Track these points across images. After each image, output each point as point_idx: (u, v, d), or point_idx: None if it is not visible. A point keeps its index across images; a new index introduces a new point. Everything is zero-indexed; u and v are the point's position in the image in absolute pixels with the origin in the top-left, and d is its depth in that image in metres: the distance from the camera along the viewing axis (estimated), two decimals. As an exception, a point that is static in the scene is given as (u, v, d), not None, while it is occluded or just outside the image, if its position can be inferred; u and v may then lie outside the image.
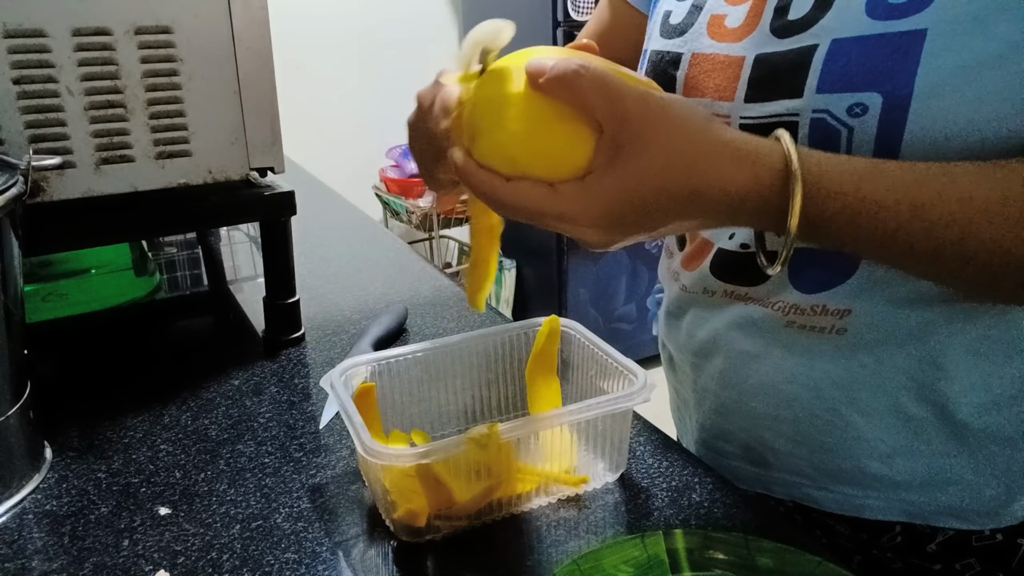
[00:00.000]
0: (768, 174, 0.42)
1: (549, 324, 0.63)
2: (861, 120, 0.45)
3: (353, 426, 0.52)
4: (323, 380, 0.58)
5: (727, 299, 0.59)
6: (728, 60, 0.53)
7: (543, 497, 0.57)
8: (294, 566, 0.51)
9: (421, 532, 0.53)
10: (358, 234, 1.23)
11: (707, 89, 0.54)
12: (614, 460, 0.59)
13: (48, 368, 0.78)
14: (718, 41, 0.54)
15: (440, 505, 0.53)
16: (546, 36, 2.28)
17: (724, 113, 0.53)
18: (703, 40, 0.55)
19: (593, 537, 0.54)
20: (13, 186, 0.56)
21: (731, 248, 0.57)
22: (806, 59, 0.48)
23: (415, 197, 2.51)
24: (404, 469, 0.51)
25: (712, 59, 0.54)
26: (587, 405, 0.54)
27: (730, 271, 0.58)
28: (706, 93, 0.54)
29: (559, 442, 0.56)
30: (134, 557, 0.52)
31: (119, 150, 0.70)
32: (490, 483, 0.53)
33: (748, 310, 0.57)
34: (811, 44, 0.48)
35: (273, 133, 0.75)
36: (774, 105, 0.50)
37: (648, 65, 0.61)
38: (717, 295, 0.59)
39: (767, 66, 0.50)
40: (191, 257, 1.04)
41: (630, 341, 2.64)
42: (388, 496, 0.53)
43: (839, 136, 0.46)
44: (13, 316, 0.58)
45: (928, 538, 0.56)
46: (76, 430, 0.67)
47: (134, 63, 0.68)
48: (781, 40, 0.50)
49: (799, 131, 0.48)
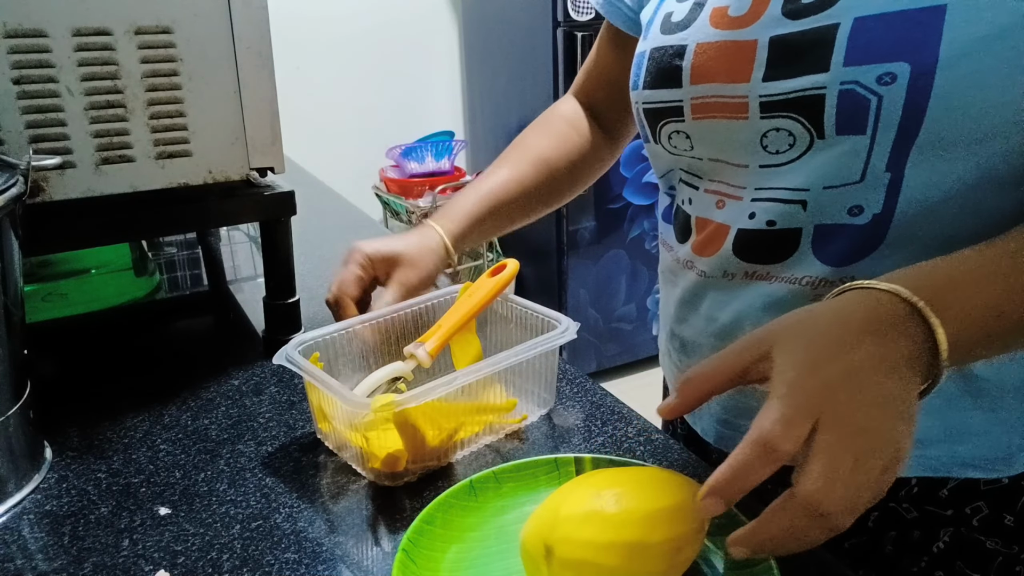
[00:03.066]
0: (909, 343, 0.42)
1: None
2: (890, 88, 0.48)
3: (328, 386, 0.58)
4: (276, 357, 0.62)
5: (747, 279, 0.59)
6: (737, 45, 0.55)
7: (491, 435, 0.66)
8: (294, 566, 0.51)
9: (400, 476, 0.60)
10: (358, 234, 1.23)
11: (717, 74, 0.56)
12: (543, 397, 0.69)
13: (48, 368, 0.78)
14: (723, 29, 0.56)
15: (415, 449, 0.59)
16: (546, 36, 2.28)
17: (740, 94, 0.55)
18: (707, 30, 0.57)
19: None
20: (13, 186, 0.56)
21: (755, 227, 0.58)
22: (828, 36, 0.50)
23: (415, 197, 2.51)
24: (383, 418, 0.57)
25: (719, 46, 0.56)
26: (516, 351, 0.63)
27: (754, 250, 0.58)
28: (717, 78, 0.56)
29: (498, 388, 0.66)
30: (134, 557, 0.52)
31: (119, 150, 0.70)
32: (454, 425, 0.61)
33: (772, 288, 0.58)
34: (831, 23, 0.50)
35: (273, 133, 0.75)
36: (797, 81, 0.51)
37: (649, 62, 0.62)
38: (737, 276, 0.60)
39: (785, 46, 0.52)
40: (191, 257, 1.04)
41: (630, 341, 2.64)
42: (367, 446, 0.59)
43: (868, 104, 0.49)
44: (13, 316, 0.58)
45: (940, 484, 0.59)
46: (76, 430, 0.67)
47: (134, 63, 0.68)
48: (795, 22, 0.52)
49: (826, 102, 0.50)
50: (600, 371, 2.61)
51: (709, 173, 0.61)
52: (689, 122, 0.60)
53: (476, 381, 0.61)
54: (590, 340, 2.56)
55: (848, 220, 0.53)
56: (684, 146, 0.62)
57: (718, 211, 0.61)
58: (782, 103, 0.53)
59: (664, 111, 0.61)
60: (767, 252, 0.58)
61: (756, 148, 0.56)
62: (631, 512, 0.46)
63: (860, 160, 0.51)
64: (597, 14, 2.24)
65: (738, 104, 0.55)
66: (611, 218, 2.45)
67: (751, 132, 0.55)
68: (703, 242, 0.63)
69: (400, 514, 0.57)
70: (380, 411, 0.56)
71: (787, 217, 0.56)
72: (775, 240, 0.57)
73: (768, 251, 0.58)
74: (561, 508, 0.47)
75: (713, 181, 0.61)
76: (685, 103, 0.59)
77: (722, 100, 0.56)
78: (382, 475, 0.59)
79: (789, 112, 0.52)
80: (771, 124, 0.54)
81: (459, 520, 0.53)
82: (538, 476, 0.57)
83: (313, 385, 0.61)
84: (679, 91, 0.59)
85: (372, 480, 0.60)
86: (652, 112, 0.63)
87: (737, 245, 0.59)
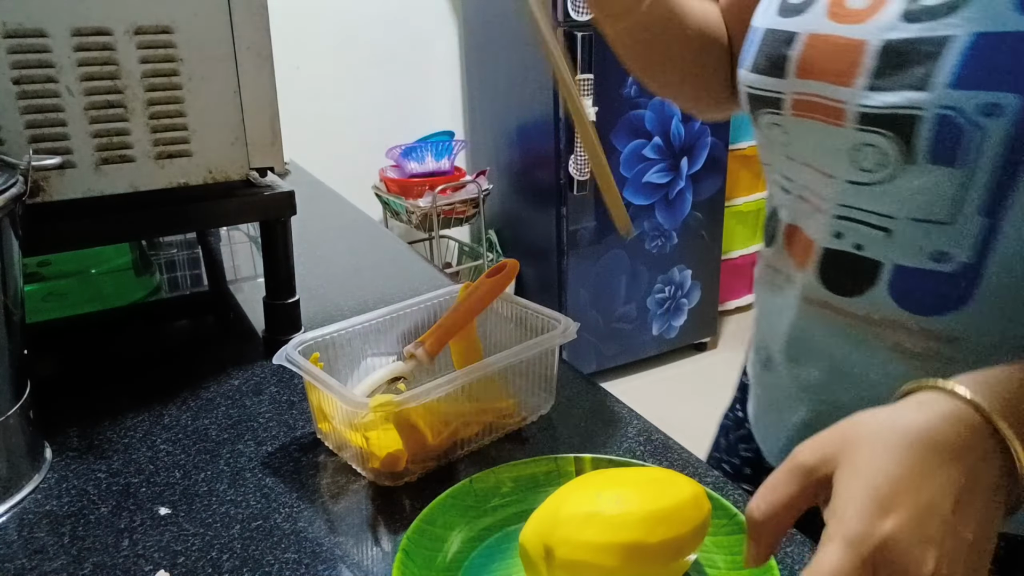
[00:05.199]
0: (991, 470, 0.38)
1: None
2: (995, 121, 0.42)
3: (328, 386, 0.58)
4: (276, 357, 0.62)
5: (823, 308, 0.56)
6: (847, 43, 0.49)
7: (491, 435, 0.65)
8: (294, 566, 0.51)
9: (400, 476, 0.60)
10: (358, 234, 1.23)
11: (824, 72, 0.51)
12: (543, 397, 0.69)
13: (48, 368, 0.78)
14: (838, 23, 0.50)
15: (415, 449, 0.59)
16: (546, 36, 2.28)
17: (840, 99, 0.50)
18: (822, 21, 0.51)
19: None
20: (13, 186, 0.56)
21: (841, 248, 0.53)
22: (938, 50, 0.44)
23: (415, 197, 2.50)
24: (383, 417, 0.57)
25: (830, 41, 0.50)
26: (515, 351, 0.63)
27: (835, 276, 0.54)
28: (823, 76, 0.51)
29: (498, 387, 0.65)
30: (134, 557, 0.52)
31: (119, 150, 0.70)
32: (455, 425, 0.61)
33: (848, 323, 0.54)
34: (946, 35, 0.44)
35: (273, 133, 0.75)
36: (895, 96, 0.46)
37: (760, 44, 0.57)
38: (815, 303, 0.56)
39: (893, 53, 0.47)
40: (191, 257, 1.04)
41: (630, 341, 2.64)
42: (367, 446, 0.59)
43: (967, 136, 0.44)
44: (13, 316, 0.58)
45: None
46: (76, 430, 0.67)
47: (134, 63, 0.68)
48: (911, 25, 0.46)
49: (920, 126, 0.45)
50: (600, 371, 2.61)
51: (799, 177, 0.57)
52: (788, 117, 0.55)
53: (476, 381, 0.61)
54: (590, 340, 2.56)
55: (931, 266, 0.48)
56: (781, 140, 0.57)
57: (805, 220, 0.56)
58: (879, 117, 0.47)
59: (765, 99, 0.56)
60: (845, 281, 0.53)
61: (847, 160, 0.51)
62: (631, 513, 0.46)
63: (951, 197, 0.46)
64: (597, 14, 2.25)
65: (837, 109, 0.50)
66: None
67: (845, 142, 0.50)
68: (798, 252, 0.58)
69: (400, 514, 0.57)
70: (379, 410, 0.56)
71: (872, 244, 0.51)
72: (855, 268, 0.52)
73: (848, 279, 0.53)
74: (561, 509, 0.47)
75: (802, 187, 0.57)
76: (786, 96, 0.54)
77: (823, 101, 0.51)
78: (382, 475, 0.59)
79: (884, 128, 0.47)
80: (865, 138, 0.49)
81: (459, 520, 0.53)
82: (538, 476, 0.57)
83: (313, 385, 0.61)
84: (783, 82, 0.54)
85: (372, 480, 0.60)
86: (754, 98, 0.58)
87: (822, 265, 0.55)
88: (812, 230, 0.55)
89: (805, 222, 0.56)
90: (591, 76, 2.25)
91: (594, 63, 2.23)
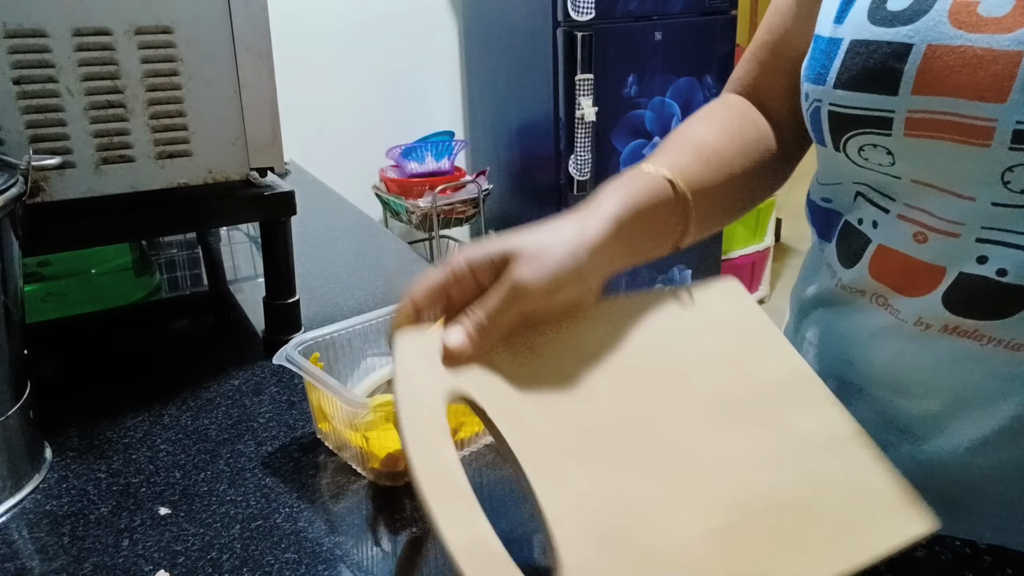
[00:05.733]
0: None
1: None
2: None
3: (328, 386, 0.58)
4: (276, 357, 0.62)
5: (945, 333, 0.51)
6: (992, 54, 0.44)
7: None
8: (294, 566, 0.51)
9: (400, 476, 0.59)
10: (358, 234, 1.23)
11: (957, 88, 0.45)
12: None
13: (48, 368, 0.78)
14: (970, 32, 0.45)
15: None
16: (546, 36, 2.28)
17: (987, 116, 0.44)
18: (945, 29, 0.46)
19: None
20: (13, 186, 0.56)
21: (982, 273, 0.48)
22: None
23: (415, 197, 2.50)
24: (383, 417, 0.57)
25: (963, 52, 0.45)
26: None
27: (970, 301, 0.49)
28: (955, 92, 0.45)
29: None
30: (134, 557, 0.52)
31: (119, 150, 0.70)
32: (454, 426, 0.60)
33: (977, 349, 0.50)
34: None
35: (273, 133, 0.75)
36: None
37: (847, 56, 0.50)
38: (934, 328, 0.51)
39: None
40: (191, 257, 1.04)
41: (630, 341, 2.64)
42: (367, 446, 0.59)
43: None
44: (13, 316, 0.58)
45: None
46: (76, 430, 0.67)
47: (134, 63, 0.68)
48: None
49: None
50: (600, 371, 2.61)
51: (907, 197, 0.51)
52: (898, 138, 0.49)
53: None
54: (590, 340, 2.56)
55: None
56: (881, 161, 0.51)
57: (916, 244, 0.51)
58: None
59: (863, 119, 0.50)
60: (986, 306, 0.49)
61: (994, 182, 0.46)
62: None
63: None
64: (597, 14, 2.25)
65: (980, 128, 0.45)
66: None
67: (991, 163, 0.45)
68: (901, 278, 0.53)
69: (400, 514, 0.57)
70: (379, 410, 0.56)
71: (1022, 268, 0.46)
72: (1000, 293, 0.47)
73: (988, 305, 0.48)
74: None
75: (913, 208, 0.51)
76: (898, 115, 0.48)
77: (957, 120, 0.46)
78: (382, 475, 0.59)
79: None
80: (1021, 158, 0.44)
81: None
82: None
83: (313, 385, 0.61)
84: (893, 99, 0.48)
85: (372, 480, 0.60)
86: (844, 118, 0.51)
87: (952, 291, 0.50)
88: (938, 255, 0.50)
89: (927, 247, 0.51)
90: (591, 76, 2.25)
91: (594, 63, 2.23)
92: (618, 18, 2.27)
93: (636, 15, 2.29)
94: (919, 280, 0.51)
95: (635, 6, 2.28)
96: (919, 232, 0.51)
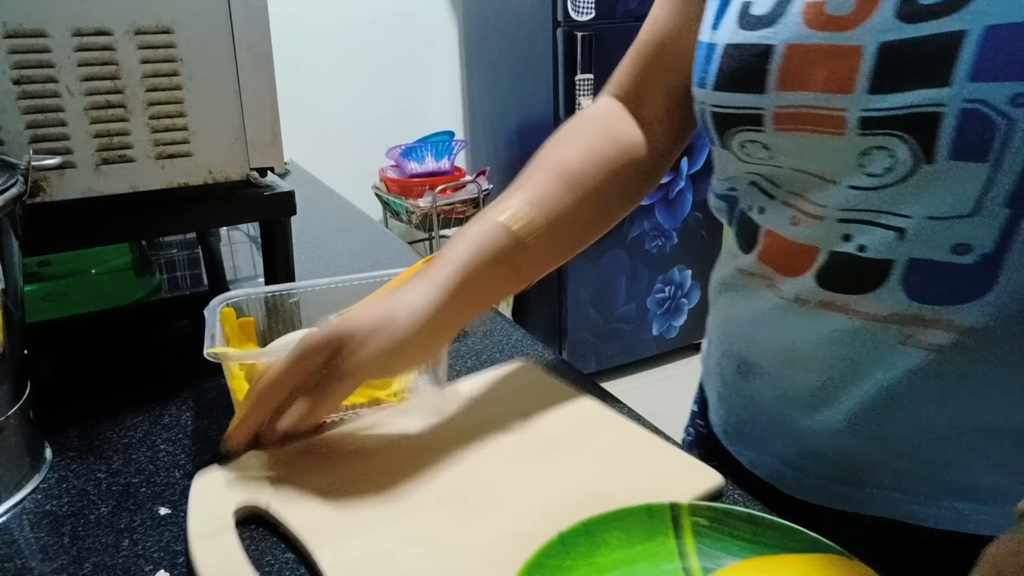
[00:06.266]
0: None
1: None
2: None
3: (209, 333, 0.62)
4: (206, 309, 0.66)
5: (822, 308, 0.54)
6: (837, 50, 0.48)
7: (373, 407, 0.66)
8: (294, 566, 0.51)
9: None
10: (358, 234, 1.23)
11: (812, 82, 0.49)
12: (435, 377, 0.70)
13: (48, 368, 0.78)
14: (820, 30, 0.49)
15: None
16: (546, 36, 2.28)
17: (838, 107, 0.48)
18: (799, 29, 0.50)
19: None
20: (13, 186, 0.56)
21: (846, 250, 0.51)
22: (952, 45, 0.43)
23: (415, 197, 2.51)
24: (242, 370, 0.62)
25: (816, 50, 0.49)
26: None
27: (838, 277, 0.53)
28: (811, 86, 0.49)
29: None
30: (134, 557, 0.52)
31: (119, 150, 0.70)
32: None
33: (848, 322, 0.53)
34: (957, 30, 0.43)
35: (273, 133, 0.75)
36: (910, 95, 0.45)
37: (723, 60, 0.55)
38: (811, 303, 0.54)
39: (898, 54, 0.46)
40: (191, 257, 1.04)
41: (630, 341, 2.65)
42: (235, 396, 0.63)
43: (995, 128, 0.43)
44: (13, 316, 0.58)
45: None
46: (76, 430, 0.67)
47: (134, 63, 0.68)
48: (912, 26, 0.45)
49: (943, 122, 0.44)
50: (600, 371, 2.61)
51: (788, 184, 0.55)
52: (770, 133, 0.53)
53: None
54: (590, 340, 2.56)
55: (951, 258, 0.47)
56: (761, 156, 0.55)
57: (792, 227, 0.55)
58: (888, 120, 0.46)
59: (739, 118, 0.54)
60: (851, 281, 0.52)
61: (850, 167, 0.49)
62: None
63: (974, 192, 0.45)
64: (597, 14, 2.25)
65: (834, 118, 0.49)
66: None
67: (847, 150, 0.49)
68: (782, 259, 0.57)
69: (400, 514, 0.57)
70: (212, 356, 0.59)
71: (880, 245, 0.50)
72: (862, 268, 0.51)
73: (852, 280, 0.52)
74: None
75: (791, 194, 0.55)
76: (767, 112, 0.52)
77: (814, 112, 0.50)
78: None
79: (895, 130, 0.46)
80: (871, 142, 0.48)
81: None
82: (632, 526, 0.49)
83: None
84: (761, 98, 0.52)
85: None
86: (723, 117, 0.56)
87: (824, 269, 0.53)
88: (810, 236, 0.54)
89: (800, 229, 0.55)
90: (591, 76, 2.25)
91: (594, 63, 2.24)
92: (618, 18, 2.27)
93: (636, 15, 2.29)
94: (797, 261, 0.55)
95: (635, 6, 2.28)
96: (794, 216, 0.55)
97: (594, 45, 2.22)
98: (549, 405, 0.65)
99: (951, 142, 0.44)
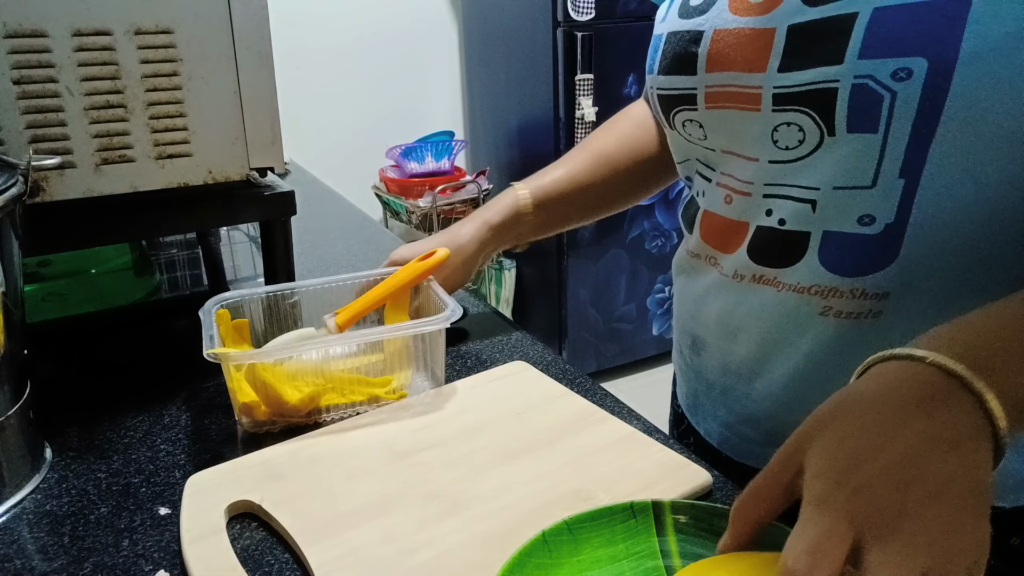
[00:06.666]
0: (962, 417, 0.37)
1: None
2: (905, 84, 0.46)
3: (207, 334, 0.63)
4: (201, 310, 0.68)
5: (755, 283, 0.58)
6: (755, 32, 0.53)
7: (372, 405, 0.68)
8: (294, 566, 0.51)
9: (260, 424, 0.65)
10: (358, 234, 1.23)
11: (734, 62, 0.54)
12: (433, 376, 0.71)
13: (48, 368, 0.78)
14: (741, 16, 0.54)
15: (273, 404, 0.64)
16: (546, 36, 2.28)
17: (755, 84, 0.53)
18: (725, 16, 0.55)
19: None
20: (13, 186, 0.56)
21: (769, 224, 0.56)
22: (845, 26, 0.48)
23: (415, 197, 2.51)
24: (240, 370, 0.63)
25: (737, 33, 0.54)
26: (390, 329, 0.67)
27: (765, 251, 0.57)
28: (733, 66, 0.55)
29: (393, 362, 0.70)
30: (134, 557, 0.52)
31: (119, 150, 0.70)
32: (315, 390, 0.65)
33: (780, 296, 0.57)
34: (850, 12, 0.48)
35: (273, 133, 0.75)
36: (810, 73, 0.49)
37: (665, 46, 0.61)
38: (746, 279, 0.59)
39: (802, 35, 0.50)
40: (191, 257, 1.04)
41: (630, 341, 2.64)
42: (234, 396, 0.64)
43: (881, 101, 0.47)
44: (13, 316, 0.58)
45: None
46: (76, 430, 0.67)
47: (134, 63, 0.68)
48: (813, 8, 0.50)
49: (839, 96, 0.48)
50: (600, 371, 2.61)
51: (721, 165, 0.60)
52: (703, 111, 0.59)
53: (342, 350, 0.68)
54: (590, 340, 2.56)
55: (858, 230, 0.51)
56: (698, 135, 0.61)
57: (726, 206, 0.60)
58: (795, 96, 0.51)
59: (678, 98, 0.60)
60: (776, 254, 0.56)
61: (767, 142, 0.54)
62: None
63: (872, 162, 0.49)
64: (597, 14, 2.25)
65: (752, 95, 0.53)
66: (611, 218, 2.45)
67: (763, 125, 0.54)
68: (719, 238, 0.61)
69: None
70: (212, 356, 0.60)
71: (797, 217, 0.54)
72: (784, 241, 0.55)
73: (777, 253, 0.56)
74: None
75: (724, 175, 0.60)
76: (699, 91, 0.58)
77: (736, 90, 0.55)
78: (244, 421, 0.65)
79: (801, 106, 0.51)
80: (783, 118, 0.52)
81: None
82: (614, 524, 0.50)
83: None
84: (694, 78, 0.58)
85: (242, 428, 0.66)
86: (667, 98, 0.62)
87: (753, 243, 0.58)
88: (741, 212, 0.59)
89: (732, 207, 0.59)
90: (591, 76, 2.25)
91: (594, 63, 2.23)
92: (618, 18, 2.27)
93: (636, 15, 2.29)
94: (731, 238, 0.60)
95: (635, 6, 2.28)
96: (728, 195, 0.60)
97: (594, 45, 2.22)
98: (539, 405, 0.66)
99: (846, 115, 0.48)
